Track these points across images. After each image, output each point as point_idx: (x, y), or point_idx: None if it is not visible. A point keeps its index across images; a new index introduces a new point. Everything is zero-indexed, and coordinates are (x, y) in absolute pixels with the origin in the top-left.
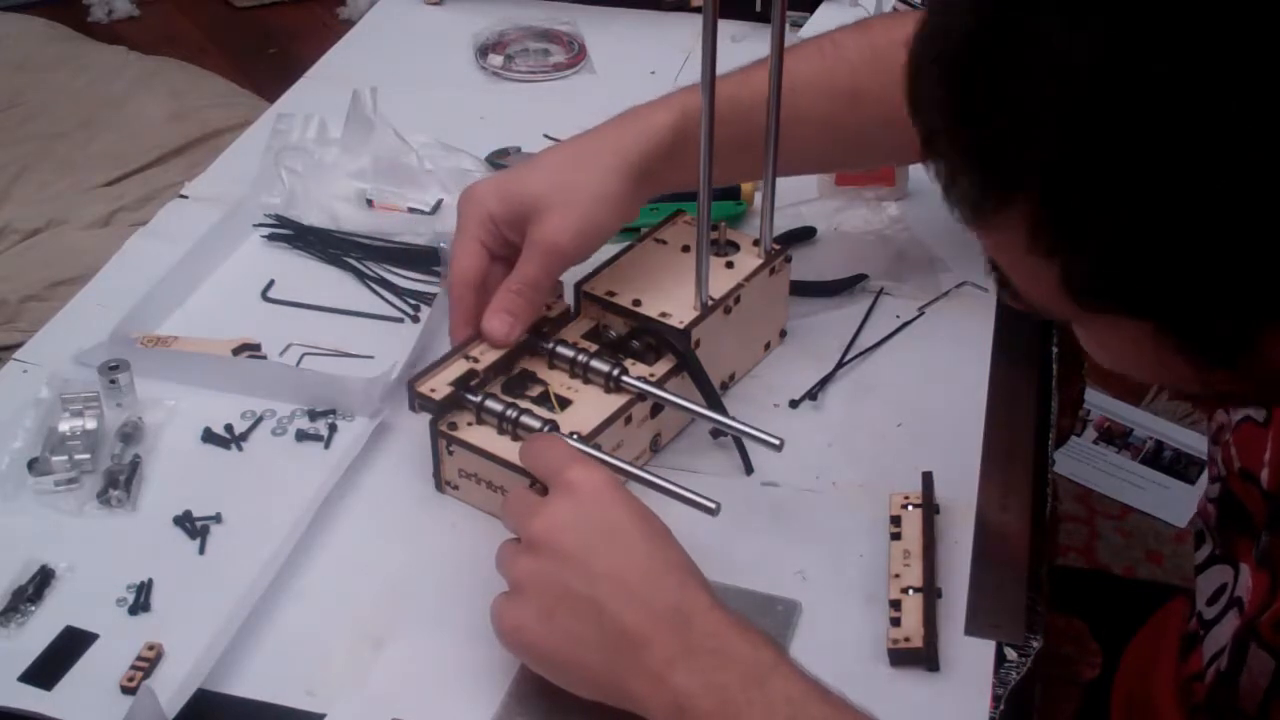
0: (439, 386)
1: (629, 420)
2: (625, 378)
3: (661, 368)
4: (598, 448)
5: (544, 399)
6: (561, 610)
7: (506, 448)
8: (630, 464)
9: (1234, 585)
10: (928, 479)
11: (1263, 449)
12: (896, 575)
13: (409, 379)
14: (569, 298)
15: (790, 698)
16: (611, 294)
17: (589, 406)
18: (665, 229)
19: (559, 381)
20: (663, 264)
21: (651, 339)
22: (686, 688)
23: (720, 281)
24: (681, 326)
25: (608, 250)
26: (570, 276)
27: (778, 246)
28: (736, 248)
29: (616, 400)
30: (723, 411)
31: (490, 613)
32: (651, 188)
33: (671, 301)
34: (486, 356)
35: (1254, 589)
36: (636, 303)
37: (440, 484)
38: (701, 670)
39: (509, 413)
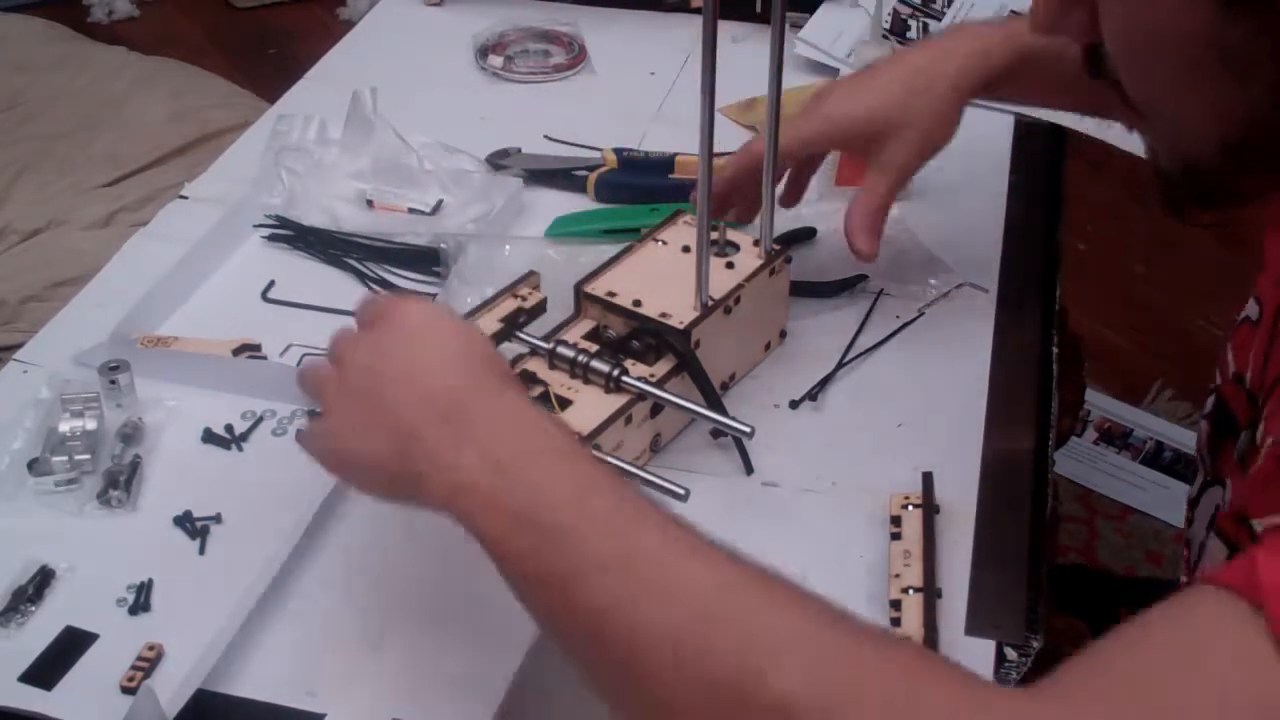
0: None
1: (629, 420)
2: (625, 378)
3: (661, 368)
4: (597, 448)
5: (544, 399)
6: (355, 414)
7: None
8: (609, 456)
9: (1225, 505)
10: (928, 479)
11: (1251, 348)
12: (896, 575)
13: None
14: (557, 298)
15: (574, 469)
16: (612, 294)
17: (589, 406)
18: (665, 229)
19: (559, 381)
20: (663, 264)
21: (652, 339)
22: (464, 465)
23: (720, 281)
24: (681, 326)
25: (608, 250)
26: (570, 276)
27: (778, 247)
28: (737, 248)
29: (616, 400)
30: (723, 412)
31: (296, 434)
32: (975, 98)
33: (672, 301)
34: None
35: (1237, 489)
36: (637, 303)
37: None
38: (477, 452)
39: None
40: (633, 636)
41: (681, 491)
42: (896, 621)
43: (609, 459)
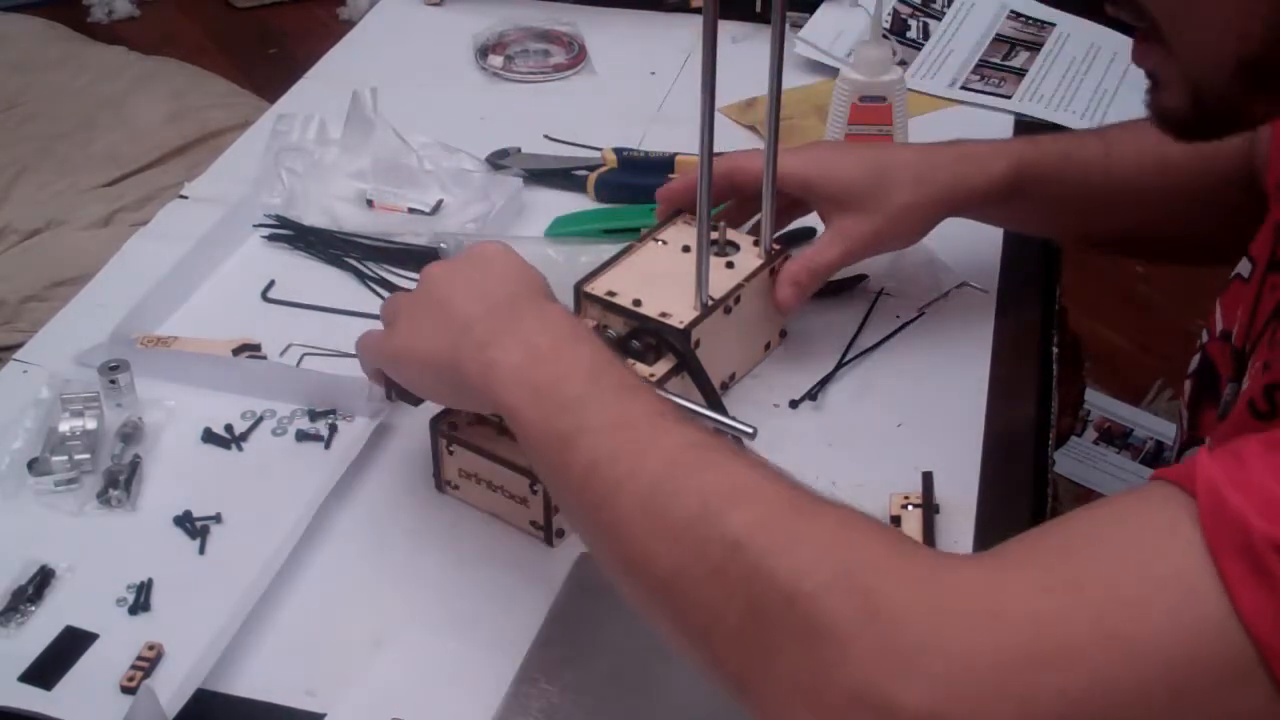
0: None
1: None
2: None
3: (661, 368)
4: None
5: None
6: (419, 318)
7: (508, 448)
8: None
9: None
10: (928, 479)
11: (1240, 305)
12: None
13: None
14: (559, 297)
15: (596, 356)
16: (612, 294)
17: None
18: (665, 229)
19: None
20: (663, 264)
21: (651, 339)
22: (501, 346)
23: (720, 281)
24: (681, 326)
25: (608, 250)
26: (569, 277)
27: (778, 246)
28: (737, 248)
29: None
30: (723, 411)
31: (360, 342)
32: (955, 215)
33: (672, 301)
34: None
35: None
36: (637, 302)
37: (440, 484)
38: (518, 340)
39: None
40: (614, 488)
41: (749, 430)
42: None
43: (676, 398)
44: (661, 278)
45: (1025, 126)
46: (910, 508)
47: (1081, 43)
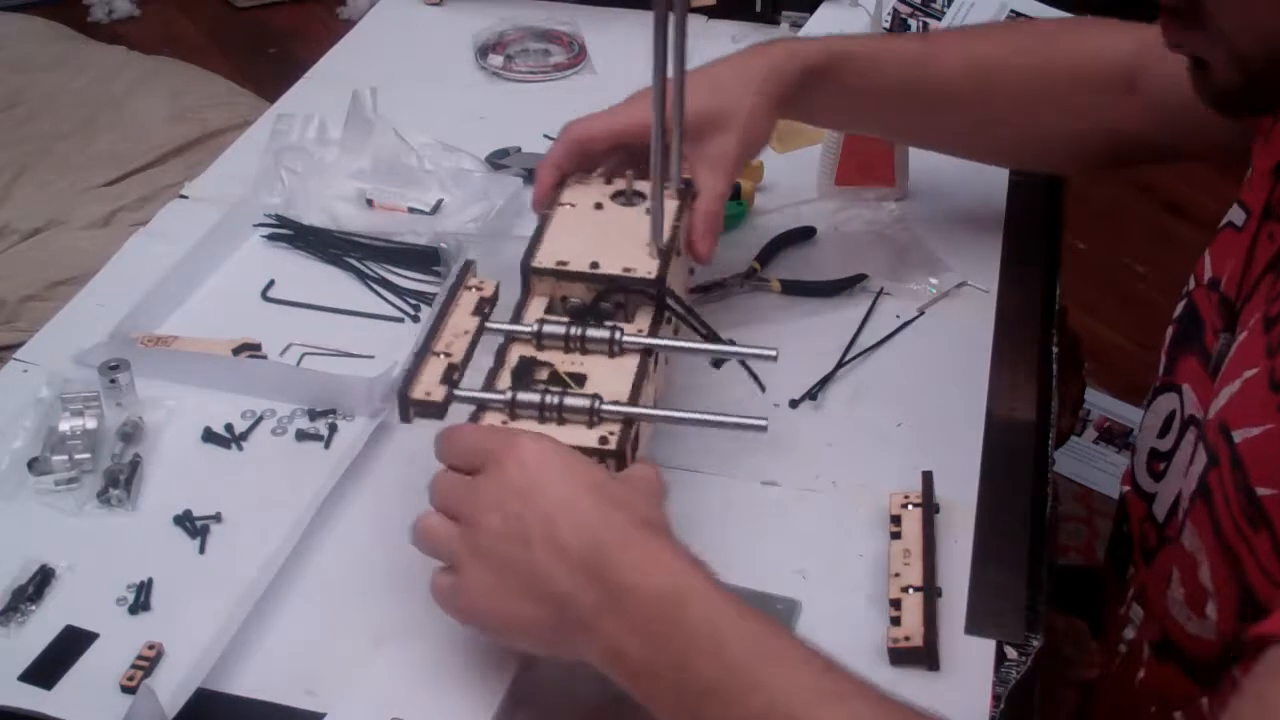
0: (432, 389)
1: (648, 377)
2: (627, 338)
3: (643, 321)
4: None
5: (556, 380)
6: (501, 580)
7: (557, 434)
8: (667, 410)
9: (1182, 407)
10: (928, 479)
11: (1232, 254)
12: (896, 574)
13: (399, 389)
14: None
15: (712, 621)
16: (563, 263)
17: (607, 374)
18: (565, 194)
19: (556, 360)
20: (588, 226)
21: (620, 297)
22: (615, 631)
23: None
24: (652, 277)
25: (526, 227)
26: (508, 260)
27: (685, 180)
28: (644, 196)
29: (630, 361)
30: (719, 341)
31: (431, 588)
32: (787, 113)
33: (623, 257)
34: (456, 348)
35: (1205, 397)
36: (594, 265)
37: None
38: (624, 611)
39: (549, 399)
40: None
41: (763, 424)
42: (897, 620)
43: (690, 414)
44: (597, 237)
45: None
46: (910, 507)
47: None
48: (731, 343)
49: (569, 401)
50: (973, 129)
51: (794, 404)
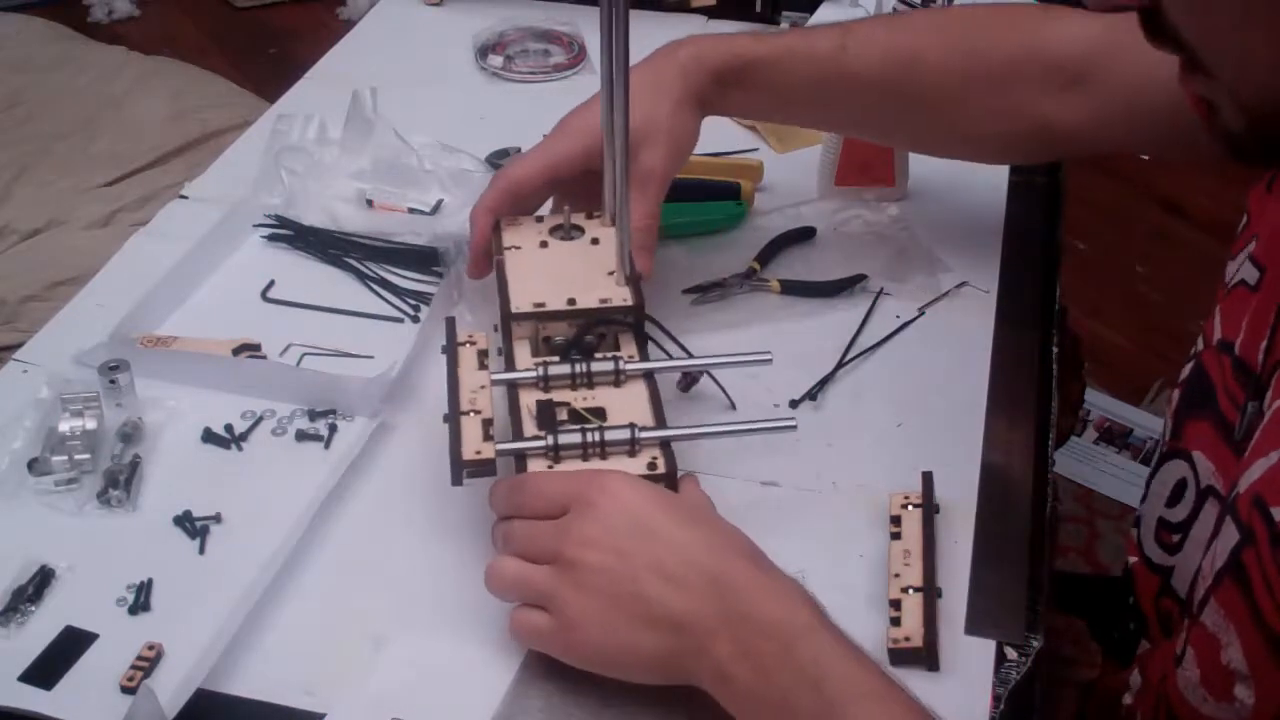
0: (480, 447)
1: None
2: (629, 365)
3: (628, 349)
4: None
5: (577, 418)
6: (612, 614)
7: (604, 469)
8: (700, 427)
9: (1196, 476)
10: (928, 479)
11: (1245, 314)
12: (896, 575)
13: (454, 455)
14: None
15: (817, 659)
16: (541, 305)
17: (622, 403)
18: (505, 239)
19: (566, 398)
20: (542, 265)
21: (602, 329)
22: (727, 655)
23: (612, 256)
24: (630, 304)
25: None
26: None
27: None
28: (582, 230)
29: (636, 386)
30: (692, 357)
31: (517, 628)
32: (710, 112)
33: (595, 288)
34: (481, 404)
35: (1225, 466)
36: (572, 302)
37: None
38: (738, 639)
39: (590, 437)
40: None
41: (792, 424)
42: (897, 621)
43: (721, 427)
44: (558, 275)
45: None
46: (910, 507)
47: None
48: (720, 356)
49: (610, 436)
50: (893, 121)
51: (794, 404)
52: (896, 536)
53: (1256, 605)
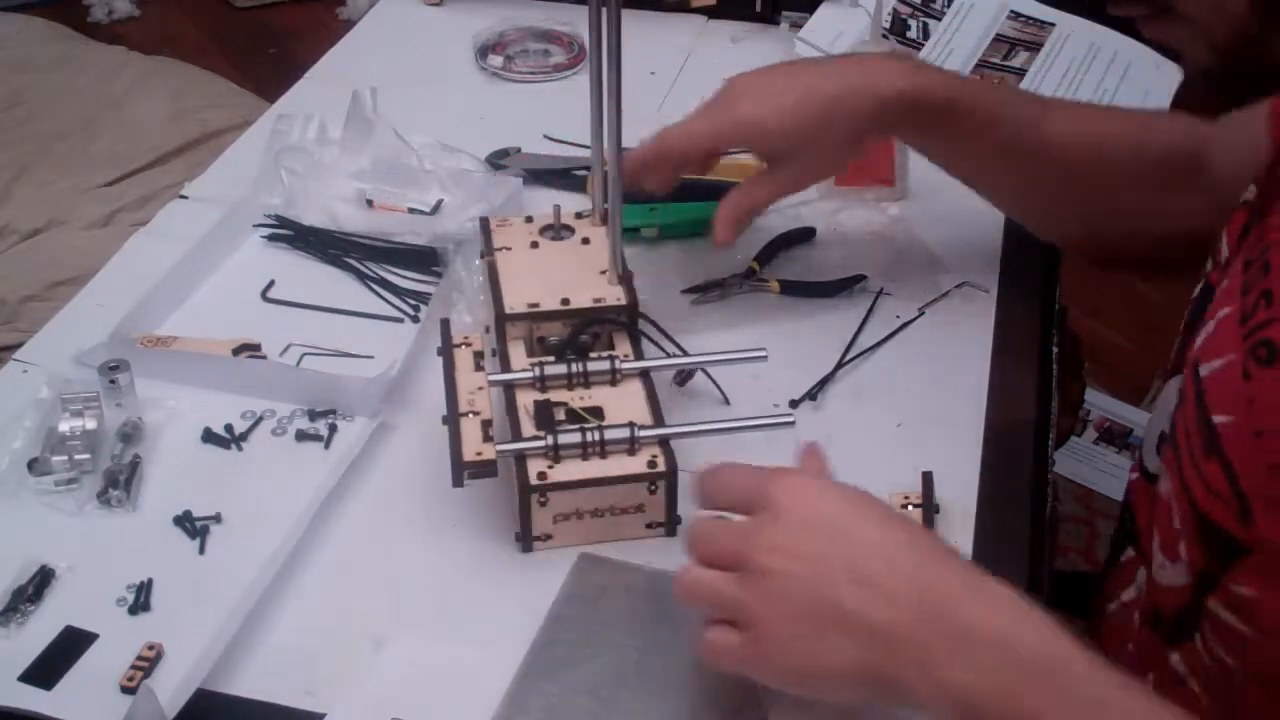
0: (481, 448)
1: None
2: (625, 364)
3: (623, 347)
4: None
5: (574, 417)
6: (812, 629)
7: (604, 468)
8: (699, 424)
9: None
10: (927, 479)
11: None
12: None
13: (455, 456)
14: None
15: (1046, 657)
16: (535, 305)
17: (619, 402)
18: (496, 239)
19: (564, 398)
20: (534, 265)
21: (597, 329)
22: (967, 684)
23: (604, 254)
24: (624, 304)
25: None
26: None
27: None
28: (572, 231)
29: (633, 385)
30: (687, 354)
31: (709, 645)
32: (884, 137)
33: (588, 288)
34: (479, 405)
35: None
36: (565, 301)
37: (529, 544)
38: (979, 666)
39: (590, 436)
40: None
41: (790, 420)
42: None
43: (720, 424)
44: (550, 274)
45: None
46: (910, 508)
47: (1081, 43)
48: (714, 353)
49: (609, 435)
50: (1064, 202)
51: (794, 404)
52: None
53: (1180, 461)
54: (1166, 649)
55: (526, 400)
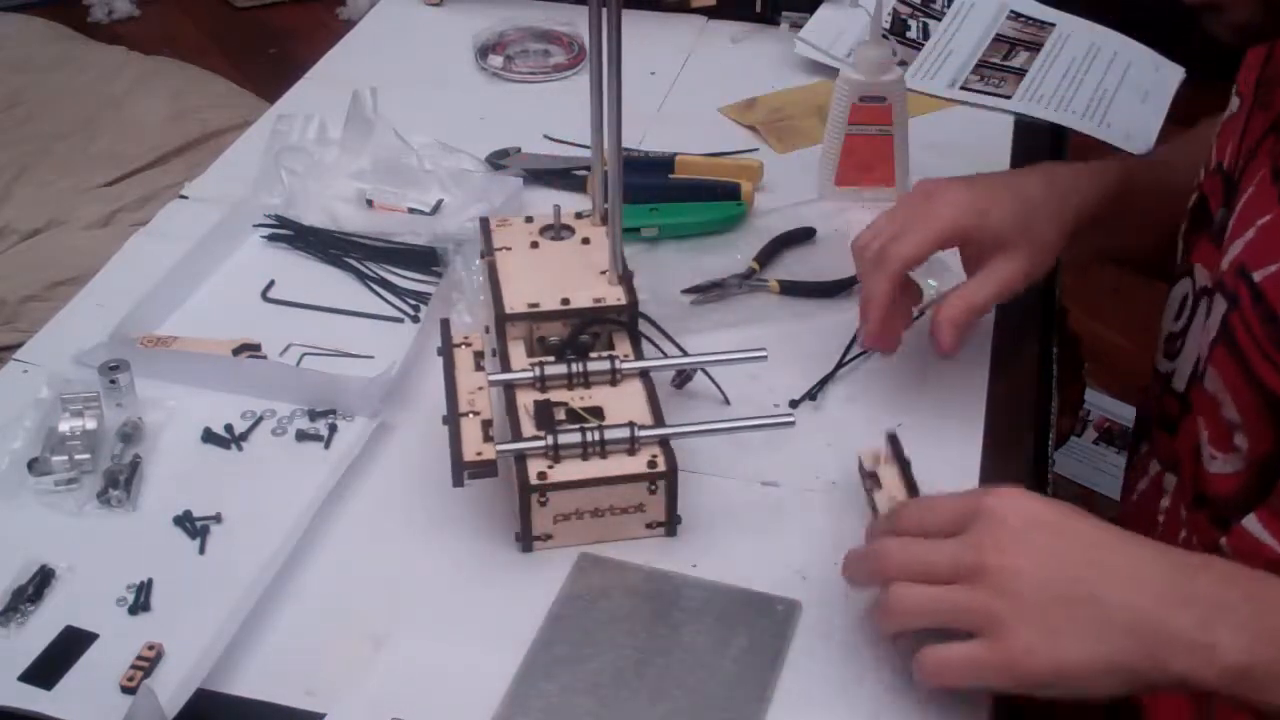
0: (481, 448)
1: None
2: (623, 364)
3: (623, 347)
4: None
5: (574, 417)
6: (1062, 622)
7: (604, 468)
8: (699, 424)
9: (1194, 285)
10: (893, 439)
11: (1231, 135)
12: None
13: (455, 456)
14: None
15: None
16: (535, 305)
17: (618, 402)
18: (496, 239)
19: (562, 398)
20: (534, 265)
21: (597, 329)
22: (1237, 645)
23: (604, 255)
24: (624, 303)
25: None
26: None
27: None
28: (572, 231)
29: (633, 385)
30: (687, 355)
31: (943, 662)
32: (1074, 246)
33: (589, 288)
34: (479, 405)
35: (1214, 264)
36: (566, 301)
37: (529, 545)
38: (1242, 623)
39: (590, 436)
40: None
41: (790, 420)
42: None
43: (720, 424)
44: (551, 274)
45: (1025, 127)
46: (884, 464)
47: (1081, 43)
48: (712, 353)
49: (609, 435)
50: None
51: (794, 404)
52: (874, 486)
53: (1245, 358)
54: (1214, 531)
55: (526, 400)
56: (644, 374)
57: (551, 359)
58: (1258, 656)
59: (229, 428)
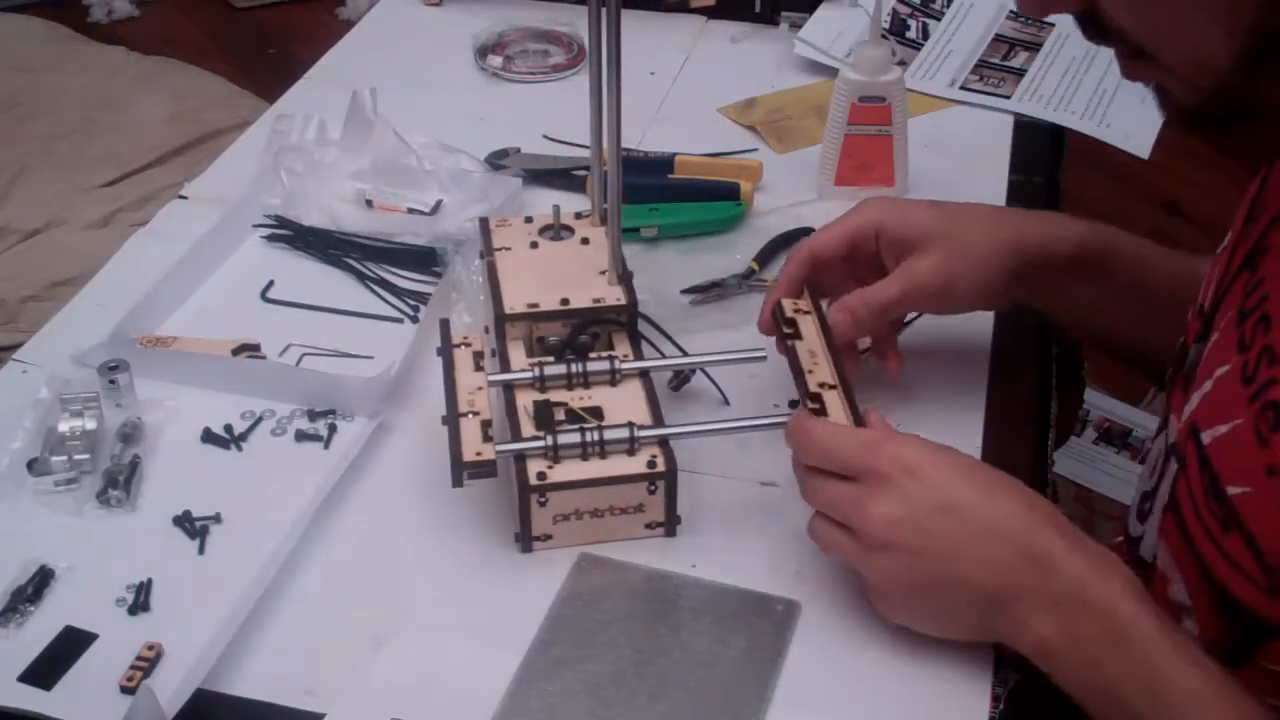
0: (480, 448)
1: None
2: (623, 364)
3: (622, 348)
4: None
5: (574, 417)
6: (921, 596)
7: (604, 468)
8: (699, 424)
9: (1166, 440)
10: (812, 288)
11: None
12: (810, 372)
13: (454, 457)
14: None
15: (1146, 654)
16: (534, 305)
17: (618, 402)
18: (496, 239)
19: (562, 398)
20: (534, 265)
21: (597, 329)
22: (1049, 636)
23: (603, 256)
24: (624, 303)
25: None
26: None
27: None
28: (571, 231)
29: (632, 385)
30: (686, 355)
31: (821, 537)
32: (1024, 291)
33: (588, 288)
34: (479, 405)
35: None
36: (565, 302)
37: (528, 545)
38: (1062, 621)
39: (590, 436)
40: None
41: (785, 420)
42: (821, 412)
43: (720, 424)
44: (550, 275)
45: (1024, 127)
46: (801, 314)
47: (1081, 43)
48: (712, 354)
49: (608, 435)
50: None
51: (794, 404)
52: (793, 336)
53: (1187, 531)
54: None
55: (526, 400)
56: (643, 374)
57: (551, 359)
58: (1058, 649)
59: (228, 428)
